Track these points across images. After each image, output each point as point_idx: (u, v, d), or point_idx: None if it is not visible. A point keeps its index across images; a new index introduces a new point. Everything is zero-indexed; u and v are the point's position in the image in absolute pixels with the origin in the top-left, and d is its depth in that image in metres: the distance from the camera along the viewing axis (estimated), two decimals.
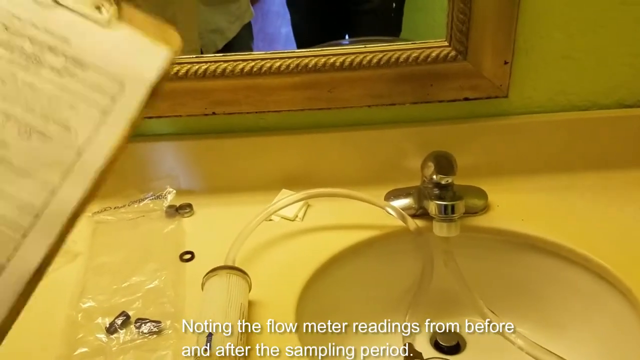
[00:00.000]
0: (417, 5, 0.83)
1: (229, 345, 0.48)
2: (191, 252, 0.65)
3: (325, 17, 0.90)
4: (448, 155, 0.63)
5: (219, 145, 0.73)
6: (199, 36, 0.79)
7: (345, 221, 0.69)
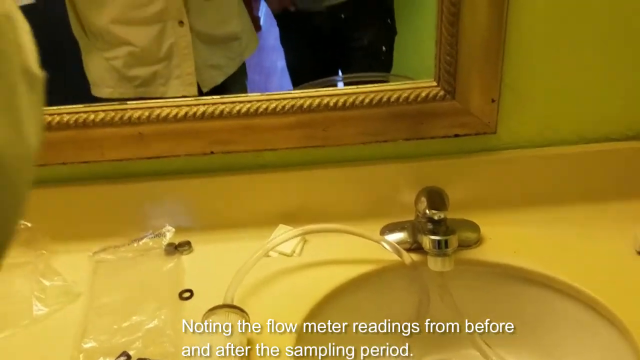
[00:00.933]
0: (406, 43, 0.86)
1: None
2: (190, 290, 0.66)
3: (318, 54, 0.93)
4: (440, 191, 0.65)
5: (217, 183, 0.75)
6: (197, 71, 0.82)
7: (342, 256, 0.70)
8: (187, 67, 0.81)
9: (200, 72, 0.81)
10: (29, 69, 0.28)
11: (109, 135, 0.69)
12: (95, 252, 0.71)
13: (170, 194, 0.75)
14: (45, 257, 0.69)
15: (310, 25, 0.90)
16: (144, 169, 0.74)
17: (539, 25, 0.66)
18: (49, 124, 0.68)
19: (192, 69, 0.81)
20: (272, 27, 0.90)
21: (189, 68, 0.81)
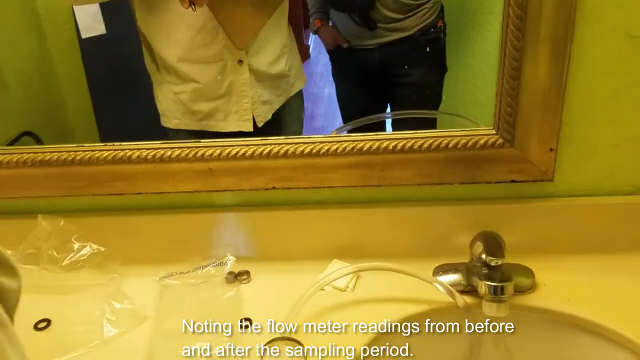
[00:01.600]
0: (456, 80, 0.88)
1: None
2: (249, 318, 0.69)
3: (368, 89, 0.96)
4: (497, 237, 0.66)
5: (277, 217, 0.79)
6: (252, 107, 0.87)
7: (394, 294, 0.72)
8: (244, 103, 0.86)
9: (254, 108, 0.86)
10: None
11: (182, 169, 0.74)
12: (161, 277, 0.75)
13: (233, 225, 0.79)
14: (116, 281, 0.74)
15: (361, 61, 0.93)
16: (210, 200, 0.79)
17: (599, 77, 0.67)
18: (129, 157, 0.73)
19: (248, 105, 0.86)
20: (320, 54, 0.94)
21: (245, 104, 0.86)
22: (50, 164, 0.74)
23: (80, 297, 0.73)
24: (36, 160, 0.74)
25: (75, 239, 0.75)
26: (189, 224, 0.78)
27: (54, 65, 0.91)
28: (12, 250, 0.75)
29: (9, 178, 0.76)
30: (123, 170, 0.74)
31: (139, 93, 0.93)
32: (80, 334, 0.67)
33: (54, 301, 0.73)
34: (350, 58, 0.93)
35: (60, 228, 0.75)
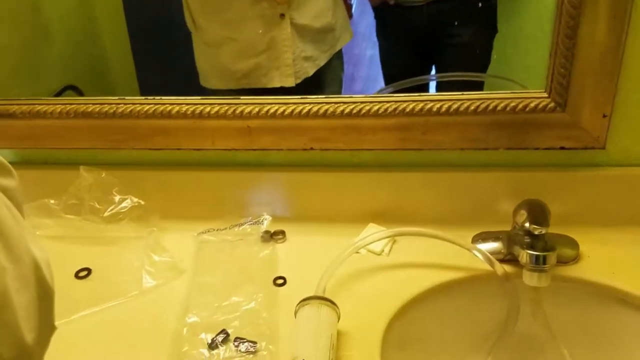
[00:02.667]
0: (505, 42, 0.84)
1: None
2: (284, 277, 0.69)
3: (413, 49, 0.93)
4: (543, 205, 0.64)
5: (314, 178, 0.78)
6: (293, 63, 0.85)
7: (430, 260, 0.71)
8: (286, 59, 0.84)
9: (295, 64, 0.84)
10: (44, 279, 0.32)
11: (221, 126, 0.73)
12: (199, 232, 0.76)
13: (270, 185, 0.79)
14: (156, 234, 0.75)
15: (408, 20, 0.89)
16: (248, 159, 0.78)
17: None
18: (169, 112, 0.73)
19: (290, 61, 0.84)
20: (363, 14, 0.91)
21: (287, 60, 0.84)
22: (92, 116, 0.75)
23: (120, 249, 0.75)
24: (79, 111, 0.75)
25: (116, 192, 0.77)
26: (226, 182, 0.78)
27: (97, 20, 0.91)
28: (55, 199, 0.77)
29: (53, 128, 0.77)
30: (163, 125, 0.75)
31: (180, 51, 0.92)
32: (120, 284, 0.69)
33: (95, 251, 0.75)
34: (396, 15, 0.89)
35: (102, 180, 0.76)
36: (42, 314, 0.30)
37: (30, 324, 0.29)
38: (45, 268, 0.31)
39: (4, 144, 0.80)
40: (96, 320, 0.65)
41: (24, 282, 0.29)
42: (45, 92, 0.83)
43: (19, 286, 0.29)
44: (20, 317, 0.28)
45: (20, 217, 0.32)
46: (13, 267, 0.29)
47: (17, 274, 0.29)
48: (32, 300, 0.30)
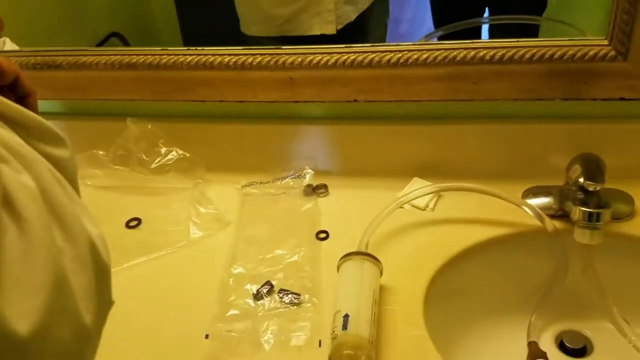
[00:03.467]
0: None
1: (363, 328, 0.51)
2: (326, 231, 0.69)
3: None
4: (598, 160, 0.61)
5: (357, 131, 0.76)
6: (335, 7, 0.81)
7: (477, 215, 0.69)
8: (327, 3, 0.81)
9: (337, 8, 0.81)
10: (99, 256, 0.31)
11: (263, 78, 0.72)
12: (243, 185, 0.77)
13: (312, 138, 0.78)
14: (201, 186, 0.76)
15: None
16: (291, 111, 0.77)
17: None
18: (211, 63, 0.72)
19: (332, 6, 0.81)
20: None
21: (328, 4, 0.81)
22: (136, 67, 0.75)
23: (168, 200, 0.76)
24: (123, 62, 0.75)
25: (162, 144, 0.77)
26: (269, 135, 0.78)
27: None
28: (103, 150, 0.79)
29: (99, 80, 0.78)
30: (205, 76, 0.74)
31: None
32: (168, 234, 0.71)
33: (143, 202, 0.77)
34: None
35: (148, 132, 0.77)
36: (100, 293, 0.30)
37: (88, 305, 0.29)
38: (101, 245, 0.31)
39: (51, 95, 0.81)
40: (147, 268, 0.67)
41: (81, 263, 0.29)
42: (91, 40, 0.84)
43: (76, 267, 0.28)
44: (78, 299, 0.28)
45: (73, 193, 0.31)
46: (70, 248, 0.28)
47: (74, 255, 0.28)
48: (89, 281, 0.29)
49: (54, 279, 0.27)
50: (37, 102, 0.51)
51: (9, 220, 0.26)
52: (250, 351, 0.55)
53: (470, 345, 0.65)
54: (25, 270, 0.26)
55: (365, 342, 0.50)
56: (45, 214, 0.28)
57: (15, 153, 0.28)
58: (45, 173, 0.29)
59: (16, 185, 0.27)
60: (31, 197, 0.27)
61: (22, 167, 0.28)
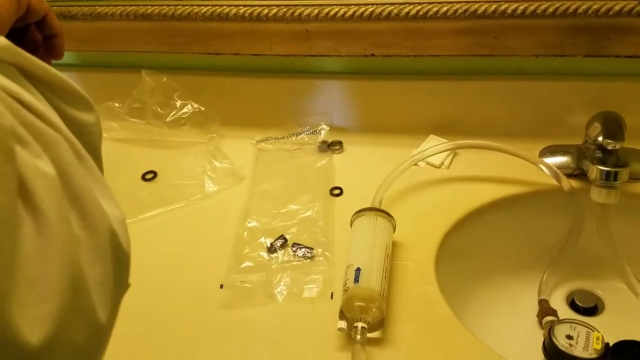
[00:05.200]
0: None
1: (374, 281, 0.52)
2: (340, 187, 0.69)
3: None
4: (618, 118, 0.59)
5: (373, 86, 0.75)
6: None
7: (493, 173, 0.68)
8: None
9: None
10: (119, 245, 0.28)
11: (279, 30, 0.71)
12: (257, 140, 0.77)
13: (328, 93, 0.77)
14: (216, 140, 0.77)
15: None
16: (307, 66, 0.76)
17: None
18: (227, 14, 0.71)
19: None
20: None
21: None
22: (152, 17, 0.74)
23: (183, 153, 0.76)
24: (138, 13, 0.75)
25: (177, 97, 0.77)
26: (284, 89, 0.77)
27: None
28: (119, 102, 0.79)
29: (114, 31, 0.78)
30: (221, 28, 0.73)
31: None
32: (183, 187, 0.71)
33: (159, 155, 0.77)
34: None
35: (163, 84, 0.77)
36: (117, 284, 0.28)
37: (104, 300, 0.26)
38: (121, 232, 0.28)
39: (67, 46, 0.81)
40: (162, 220, 0.68)
41: (99, 253, 0.26)
42: None
43: (93, 258, 0.26)
44: (94, 295, 0.26)
45: (95, 169, 0.28)
46: (88, 237, 0.26)
47: (92, 245, 0.26)
48: (107, 273, 0.27)
49: (70, 278, 0.24)
50: (64, 44, 0.50)
51: (25, 212, 0.23)
52: (263, 301, 0.56)
53: (481, 301, 0.66)
54: (41, 271, 0.23)
55: (376, 295, 0.51)
56: (63, 203, 0.25)
57: (35, 131, 0.25)
58: (65, 154, 0.26)
59: (34, 172, 0.24)
60: (49, 186, 0.24)
61: (41, 149, 0.25)
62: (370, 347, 0.50)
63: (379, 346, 0.50)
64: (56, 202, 0.25)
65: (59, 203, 0.25)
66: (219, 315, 0.55)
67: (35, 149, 0.25)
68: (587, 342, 0.53)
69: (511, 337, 0.63)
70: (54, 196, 0.25)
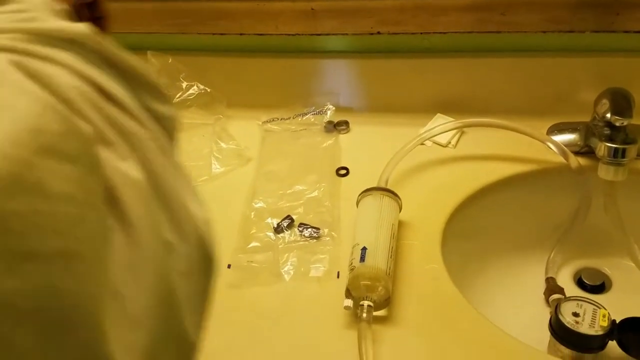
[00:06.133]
0: None
1: (380, 260, 0.52)
2: (346, 167, 0.69)
3: None
4: (627, 94, 0.59)
5: (380, 65, 0.75)
6: None
7: (500, 152, 0.68)
8: None
9: None
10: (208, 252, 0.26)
11: (284, 9, 0.70)
12: (263, 121, 0.77)
13: (334, 73, 0.77)
14: (222, 121, 0.77)
15: None
16: (312, 45, 0.76)
17: None
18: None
19: None
20: None
21: None
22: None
23: (189, 135, 0.77)
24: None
25: (182, 78, 0.77)
26: (290, 69, 0.77)
27: None
28: None
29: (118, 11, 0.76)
30: (226, 7, 0.72)
31: None
32: (190, 168, 0.70)
33: None
34: None
35: (169, 66, 0.77)
36: (207, 297, 0.25)
37: (195, 318, 0.24)
38: (209, 235, 0.26)
39: None
40: None
41: (191, 265, 0.24)
42: None
43: (185, 270, 0.24)
44: (185, 313, 0.23)
45: (178, 165, 0.26)
46: (180, 246, 0.24)
47: (184, 255, 0.24)
48: (197, 286, 0.25)
49: (162, 296, 0.22)
50: (110, 27, 0.50)
51: (115, 222, 0.21)
52: (270, 280, 0.56)
53: (487, 279, 0.66)
54: (132, 290, 0.21)
55: (382, 274, 0.51)
56: (153, 210, 0.23)
57: (119, 128, 0.23)
58: (152, 153, 0.24)
59: (121, 179, 0.22)
60: (138, 193, 0.22)
61: (127, 149, 0.23)
62: (376, 325, 0.50)
63: (384, 324, 0.51)
64: (146, 210, 0.22)
65: (149, 211, 0.22)
66: (226, 294, 0.55)
67: (121, 149, 0.23)
68: (593, 319, 0.53)
69: (518, 314, 0.63)
70: (144, 203, 0.22)
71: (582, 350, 0.53)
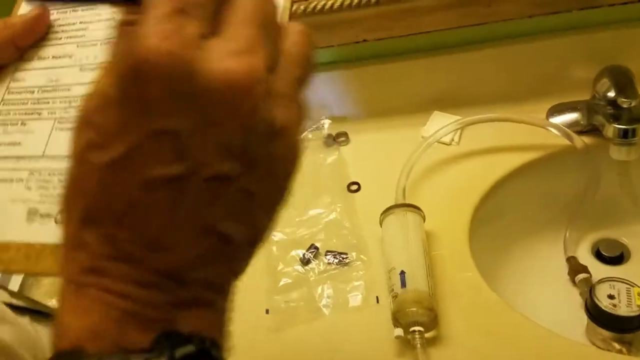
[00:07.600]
0: None
1: (420, 282, 0.52)
2: (357, 182, 0.68)
3: None
4: (627, 72, 0.59)
5: (369, 71, 0.74)
6: None
7: (504, 143, 0.68)
8: None
9: None
10: None
11: None
12: None
13: (325, 85, 0.75)
14: None
15: None
16: None
17: None
18: None
19: None
20: None
21: None
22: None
23: None
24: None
25: None
26: None
27: None
28: None
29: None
30: None
31: None
32: None
33: None
34: None
35: None
36: None
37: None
38: None
39: None
40: None
41: None
42: None
43: None
44: None
45: None
46: None
47: None
48: None
49: None
50: None
51: None
52: (310, 317, 0.56)
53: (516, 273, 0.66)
54: None
55: (426, 296, 0.51)
56: None
57: None
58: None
59: None
60: None
61: None
62: (429, 348, 0.50)
63: (436, 346, 0.51)
64: None
65: None
66: (268, 340, 0.55)
67: None
68: (629, 299, 0.54)
69: (549, 301, 0.64)
70: None
71: (623, 332, 0.54)
